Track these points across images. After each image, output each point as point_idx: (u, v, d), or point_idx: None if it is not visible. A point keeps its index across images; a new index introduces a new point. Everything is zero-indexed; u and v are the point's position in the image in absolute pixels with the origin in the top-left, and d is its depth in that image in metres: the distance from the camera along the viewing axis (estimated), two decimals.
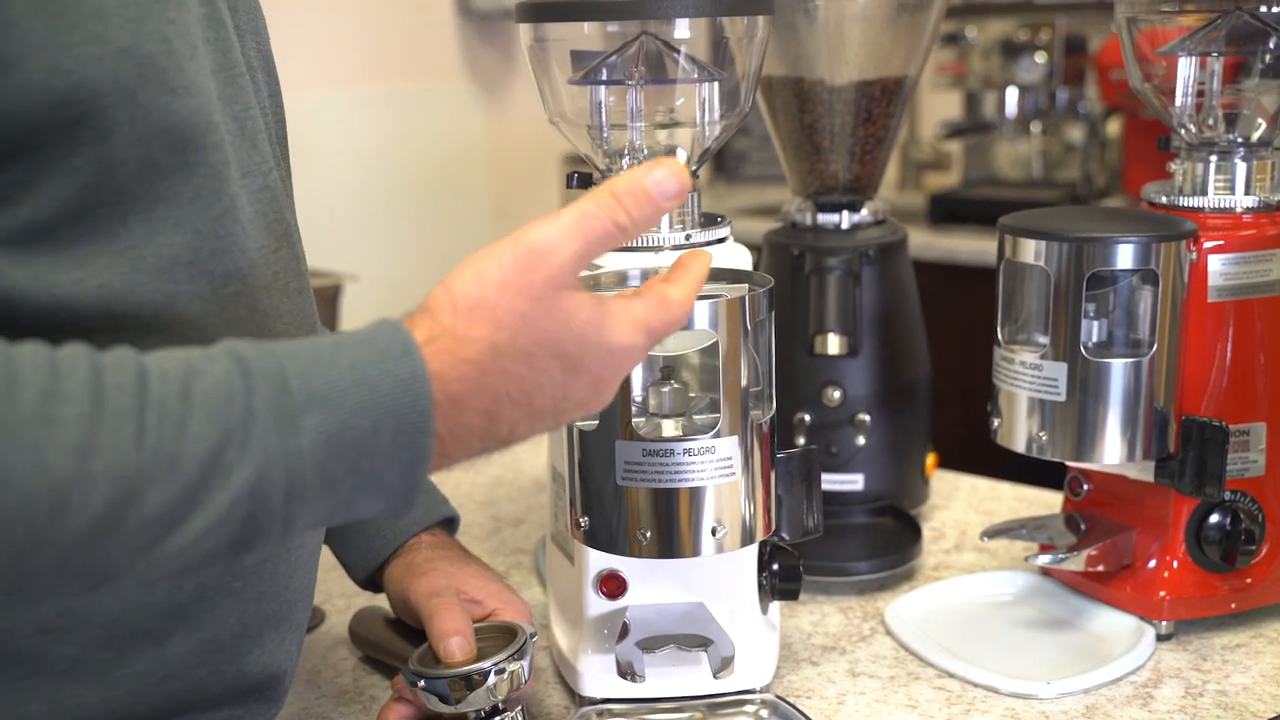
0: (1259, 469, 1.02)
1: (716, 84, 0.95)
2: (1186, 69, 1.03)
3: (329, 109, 2.57)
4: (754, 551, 0.94)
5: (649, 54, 0.92)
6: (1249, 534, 1.00)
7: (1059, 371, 0.97)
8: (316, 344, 0.59)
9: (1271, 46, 1.02)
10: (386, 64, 2.70)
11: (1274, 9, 1.01)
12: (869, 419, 1.19)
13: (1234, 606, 1.02)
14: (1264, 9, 1.01)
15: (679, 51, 0.93)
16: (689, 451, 0.82)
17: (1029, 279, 1.02)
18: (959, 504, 1.32)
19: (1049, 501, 1.29)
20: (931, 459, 1.27)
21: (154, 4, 0.63)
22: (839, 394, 1.18)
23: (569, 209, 0.64)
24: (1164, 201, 1.04)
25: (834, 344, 1.18)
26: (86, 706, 0.68)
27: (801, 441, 1.18)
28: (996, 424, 1.03)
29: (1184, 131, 1.05)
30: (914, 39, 1.21)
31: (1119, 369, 0.97)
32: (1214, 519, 1.01)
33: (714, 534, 0.83)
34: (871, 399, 1.19)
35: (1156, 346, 0.97)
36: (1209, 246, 0.98)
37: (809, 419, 1.19)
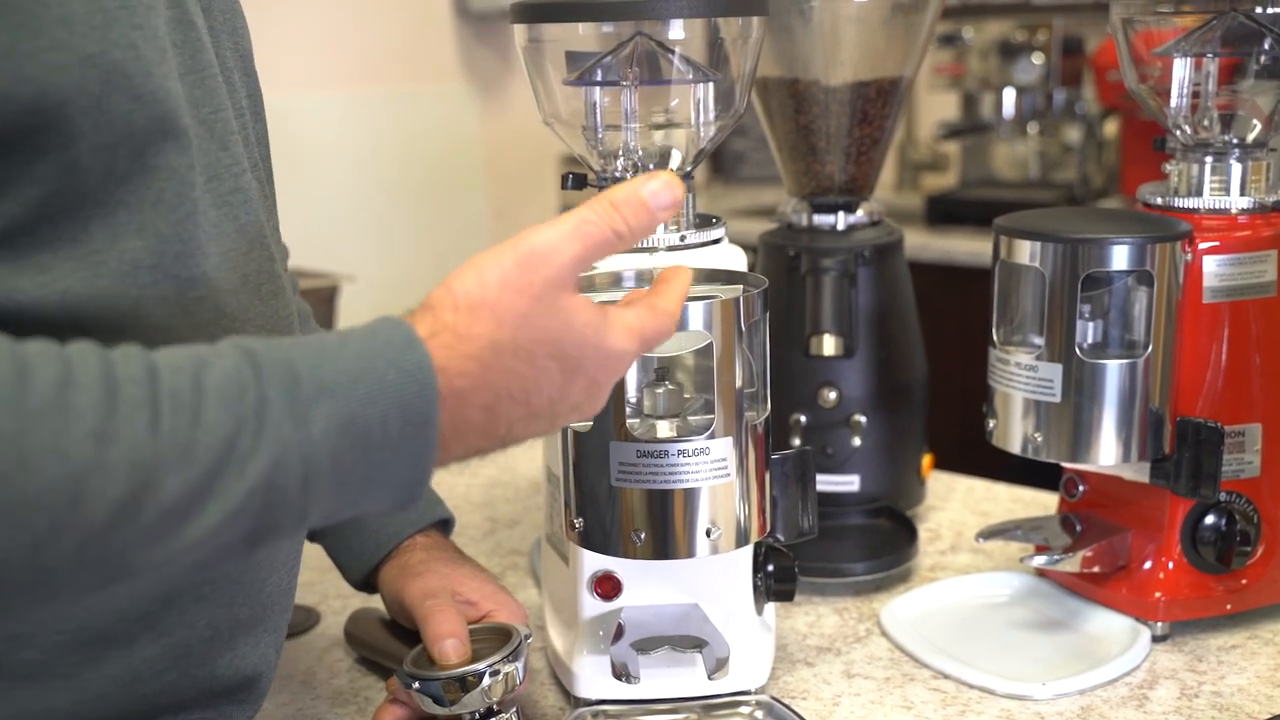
0: (1254, 470, 1.02)
1: (711, 85, 0.95)
2: (1182, 70, 1.03)
3: (326, 110, 2.57)
4: (749, 553, 0.94)
5: (644, 55, 0.92)
6: (1244, 535, 0.99)
7: (1054, 373, 0.97)
8: (321, 337, 0.60)
9: (1267, 47, 1.02)
10: (384, 65, 2.70)
11: (1269, 10, 1.01)
12: (865, 420, 1.19)
13: (1229, 608, 1.02)
14: (1259, 10, 1.01)
15: (674, 52, 0.93)
16: (683, 453, 0.82)
17: (1024, 280, 1.02)
18: (955, 505, 1.32)
19: (1045, 502, 1.29)
20: (927, 460, 1.27)
21: (120, 10, 0.62)
22: (835, 395, 1.18)
23: (568, 215, 0.65)
24: (1159, 202, 1.04)
25: (830, 345, 1.18)
26: (53, 711, 0.68)
27: (797, 442, 1.18)
28: (992, 425, 1.03)
29: (1179, 132, 1.05)
30: (909, 40, 1.21)
31: (1114, 370, 0.97)
32: (1209, 520, 1.01)
33: (708, 535, 0.83)
34: (867, 400, 1.19)
35: (1151, 347, 0.97)
36: (1204, 247, 0.98)
37: (805, 420, 1.19)
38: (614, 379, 0.67)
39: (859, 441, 1.19)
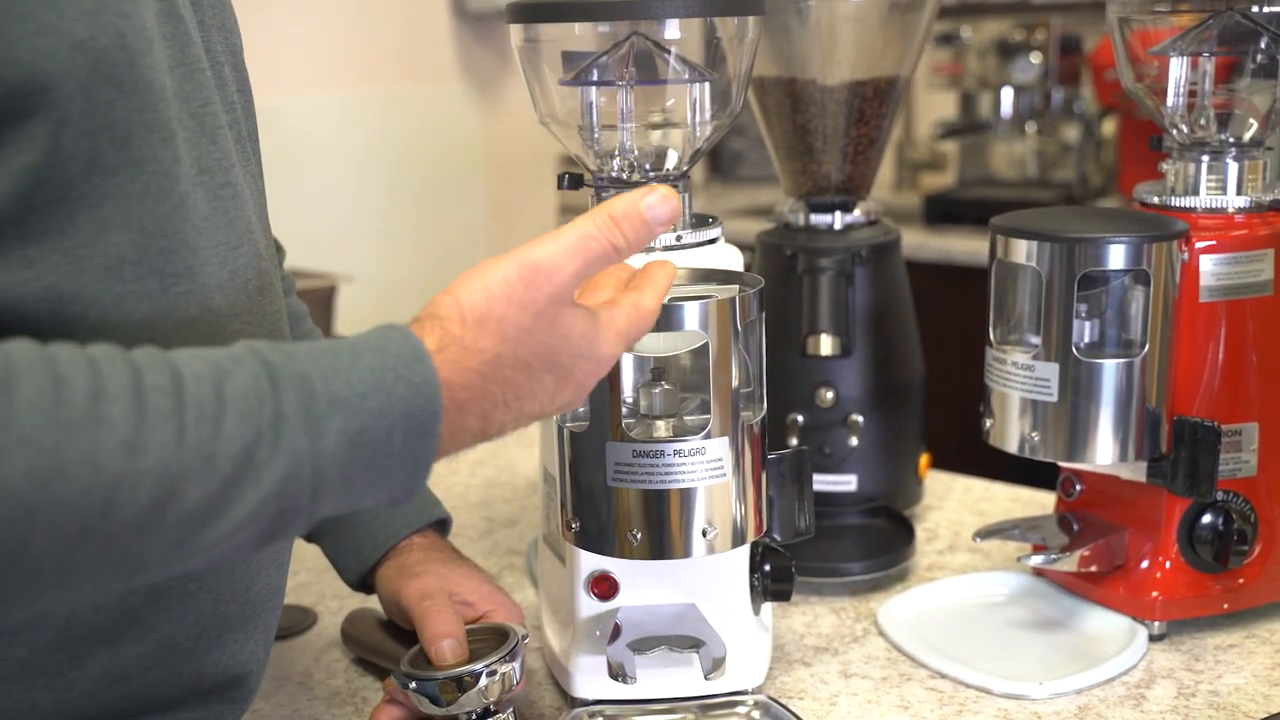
0: (1251, 469, 1.02)
1: (707, 84, 0.95)
2: (1178, 69, 1.03)
3: (324, 110, 2.56)
4: (745, 552, 0.94)
5: (640, 54, 0.92)
6: (1241, 534, 1.00)
7: (1051, 372, 0.97)
8: (333, 347, 0.62)
9: (1263, 46, 1.02)
10: (382, 65, 2.70)
11: (1265, 9, 1.01)
12: (862, 420, 1.19)
13: (1226, 607, 1.02)
14: (1255, 9, 1.01)
15: (670, 52, 0.93)
16: (679, 453, 0.82)
17: (1021, 279, 1.02)
18: (952, 505, 1.32)
19: (1042, 502, 1.29)
20: (925, 460, 1.27)
21: None
22: (832, 395, 1.18)
23: (569, 228, 0.67)
24: (1156, 202, 1.04)
25: (827, 345, 1.18)
26: (38, 709, 0.68)
27: (794, 442, 1.18)
28: (989, 425, 1.03)
29: (1176, 132, 1.05)
30: (906, 39, 1.21)
31: (1111, 369, 0.97)
32: (1206, 519, 1.01)
33: (705, 535, 0.83)
34: (864, 400, 1.19)
35: (1148, 347, 0.97)
36: (1201, 247, 0.98)
37: (802, 420, 1.19)
38: (600, 378, 0.71)
39: (856, 441, 1.19)
